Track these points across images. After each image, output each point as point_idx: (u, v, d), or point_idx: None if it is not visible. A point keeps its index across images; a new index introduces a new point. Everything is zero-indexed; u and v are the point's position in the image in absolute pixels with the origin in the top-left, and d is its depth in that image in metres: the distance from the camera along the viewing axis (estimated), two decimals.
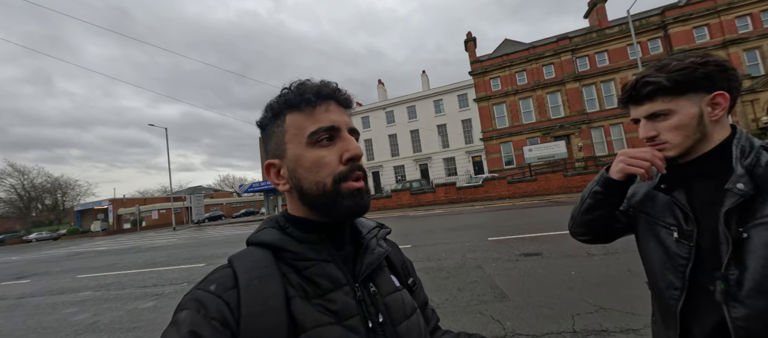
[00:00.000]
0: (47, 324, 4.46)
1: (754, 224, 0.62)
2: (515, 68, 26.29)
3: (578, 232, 0.95)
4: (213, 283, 0.48)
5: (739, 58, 20.65)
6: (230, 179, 75.26)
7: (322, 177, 0.51)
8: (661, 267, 0.77)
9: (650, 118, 0.73)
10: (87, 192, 54.95)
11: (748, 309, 0.61)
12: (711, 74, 0.68)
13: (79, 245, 21.76)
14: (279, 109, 0.54)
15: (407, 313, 0.56)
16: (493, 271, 4.51)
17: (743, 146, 0.68)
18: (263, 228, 0.56)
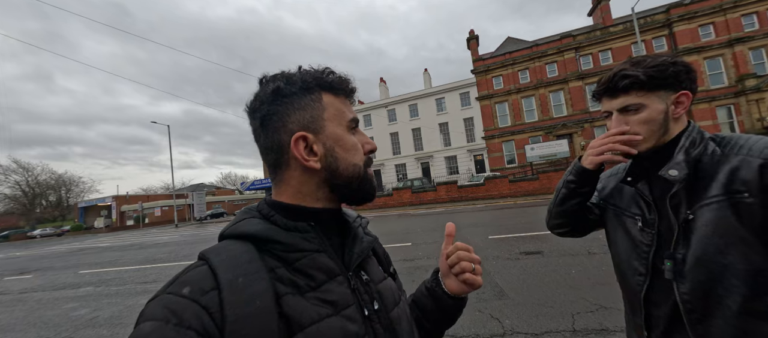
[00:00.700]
0: (48, 318, 4.49)
1: (699, 206, 0.69)
2: (518, 66, 26.12)
3: (555, 225, 0.98)
4: (186, 285, 0.41)
5: (745, 56, 20.42)
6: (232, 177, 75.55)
7: (357, 160, 0.54)
8: (627, 255, 0.82)
9: (622, 111, 0.78)
10: (91, 189, 55.34)
11: (691, 283, 0.69)
12: (679, 74, 0.74)
13: (83, 241, 21.93)
14: (313, 84, 0.53)
15: (396, 299, 0.57)
16: (493, 269, 4.49)
17: (694, 138, 0.74)
18: (243, 219, 0.51)
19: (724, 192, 0.67)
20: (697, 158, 0.71)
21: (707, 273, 0.67)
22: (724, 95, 20.51)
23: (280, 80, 0.52)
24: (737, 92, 20.11)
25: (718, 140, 0.74)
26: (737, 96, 20.16)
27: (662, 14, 22.59)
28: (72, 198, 53.31)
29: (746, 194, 0.64)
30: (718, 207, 0.67)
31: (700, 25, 21.60)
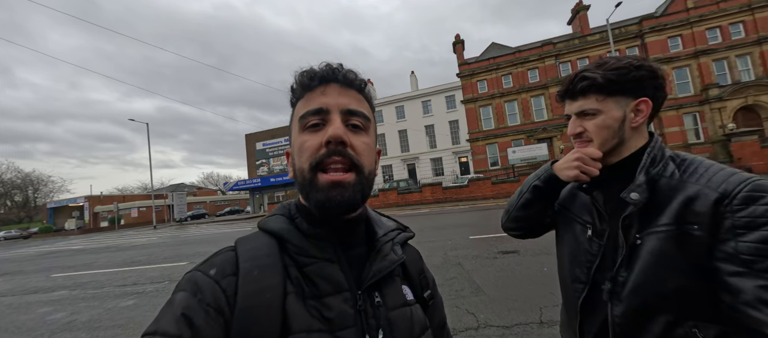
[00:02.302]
0: (21, 323, 4.35)
1: (648, 232, 0.67)
2: (501, 71, 26.89)
3: (511, 227, 0.98)
4: (213, 267, 0.46)
5: (709, 68, 21.85)
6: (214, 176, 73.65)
7: (302, 162, 0.48)
8: (571, 261, 0.82)
9: (580, 115, 0.77)
10: (61, 189, 52.62)
11: (625, 307, 0.69)
12: (642, 79, 0.71)
13: (53, 244, 20.86)
14: (292, 99, 0.53)
15: (414, 332, 0.50)
16: (472, 268, 4.71)
17: (655, 155, 0.72)
18: (273, 215, 0.53)
19: (674, 222, 0.65)
20: (655, 178, 0.69)
21: (642, 301, 0.67)
22: (691, 103, 21.88)
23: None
24: (702, 101, 21.50)
25: (679, 161, 0.72)
26: (702, 104, 21.55)
27: (635, 25, 23.86)
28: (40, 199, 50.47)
29: (696, 227, 0.63)
30: (666, 236, 0.65)
31: (669, 37, 22.96)
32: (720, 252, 0.61)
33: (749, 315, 0.56)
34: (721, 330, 0.62)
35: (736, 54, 21.51)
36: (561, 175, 0.80)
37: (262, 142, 35.06)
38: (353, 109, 0.49)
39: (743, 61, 21.54)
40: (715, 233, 0.62)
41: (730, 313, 0.60)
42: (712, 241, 0.62)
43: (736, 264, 0.59)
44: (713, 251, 0.62)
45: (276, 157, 34.03)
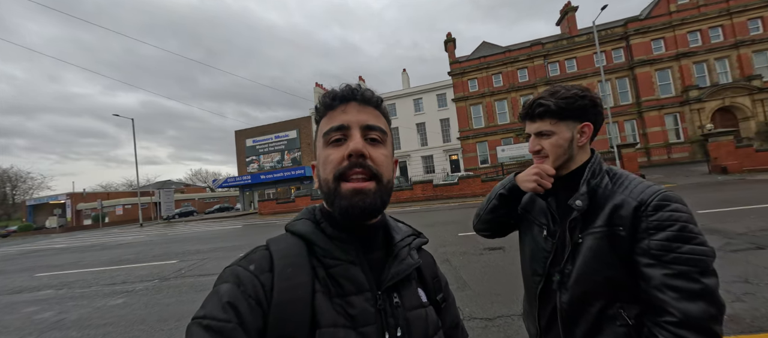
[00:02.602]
0: (7, 323, 4.30)
1: (588, 232, 0.82)
2: (492, 70, 27.24)
3: (481, 228, 1.13)
4: (252, 263, 0.51)
5: (690, 69, 22.65)
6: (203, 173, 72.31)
7: (326, 174, 0.53)
8: (531, 257, 0.97)
9: (538, 135, 0.91)
10: (41, 186, 50.75)
11: (570, 295, 0.84)
12: (585, 107, 0.87)
13: (34, 243, 20.25)
14: (317, 117, 0.59)
15: (428, 332, 0.54)
16: (459, 264, 4.87)
17: (595, 169, 0.87)
18: (300, 219, 0.58)
19: (606, 224, 0.79)
20: (594, 188, 0.84)
21: (583, 288, 0.81)
22: (672, 104, 22.66)
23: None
24: (682, 102, 22.29)
25: (612, 175, 0.86)
26: (682, 105, 22.35)
27: (621, 27, 24.48)
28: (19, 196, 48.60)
29: (621, 228, 0.77)
30: (600, 235, 0.79)
31: (652, 39, 23.66)
32: (638, 248, 0.76)
33: (657, 297, 0.72)
34: (640, 310, 0.77)
35: (715, 57, 22.37)
36: (522, 186, 0.94)
37: (252, 139, 34.61)
38: (371, 124, 0.55)
39: (721, 63, 22.41)
40: (635, 233, 0.77)
41: (645, 296, 0.75)
42: (633, 240, 0.77)
43: (648, 257, 0.74)
44: (634, 247, 0.77)
45: (266, 154, 33.67)
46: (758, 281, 3.23)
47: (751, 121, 20.59)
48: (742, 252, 4.09)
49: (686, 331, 0.67)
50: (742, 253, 4.06)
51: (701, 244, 0.72)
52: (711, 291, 0.69)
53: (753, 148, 15.07)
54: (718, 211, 6.64)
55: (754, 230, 5.01)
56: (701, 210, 7.01)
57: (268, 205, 24.19)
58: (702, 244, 0.72)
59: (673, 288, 0.70)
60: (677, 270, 0.70)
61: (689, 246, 0.71)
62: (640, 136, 23.51)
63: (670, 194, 0.78)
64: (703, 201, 8.18)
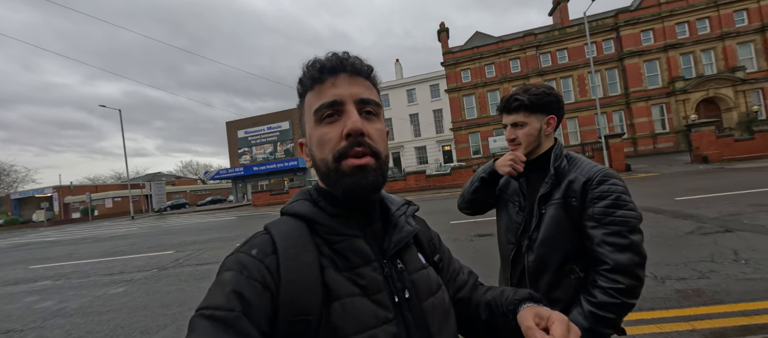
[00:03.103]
0: (9, 311, 4.38)
1: (550, 204, 1.01)
2: (485, 61, 27.31)
3: (465, 207, 1.32)
4: (254, 247, 0.50)
5: (677, 61, 23.12)
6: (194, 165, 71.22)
7: (325, 154, 0.52)
8: (506, 229, 1.16)
9: (513, 126, 1.09)
10: (26, 179, 49.34)
11: (535, 256, 1.03)
12: (551, 103, 1.05)
13: (22, 236, 19.93)
14: (301, 91, 0.56)
15: (433, 290, 0.57)
16: (451, 250, 5.08)
17: (557, 153, 1.05)
18: (297, 200, 0.58)
19: (562, 197, 0.99)
20: (558, 169, 1.02)
21: (545, 250, 1.00)
22: (659, 95, 23.17)
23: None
24: (669, 93, 22.81)
25: (569, 158, 1.05)
26: (669, 96, 22.88)
27: (611, 18, 24.71)
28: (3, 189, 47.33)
29: (574, 199, 0.96)
30: (558, 206, 0.98)
31: (642, 31, 23.98)
32: (586, 215, 0.96)
33: (597, 251, 0.92)
34: (587, 264, 0.96)
35: (702, 48, 22.84)
36: (500, 171, 1.11)
37: (244, 130, 34.22)
38: (365, 97, 0.53)
39: (707, 55, 22.91)
40: (583, 203, 0.96)
41: (590, 252, 0.95)
42: (582, 208, 0.97)
43: (592, 221, 0.94)
44: (582, 214, 0.96)
45: (259, 145, 33.39)
46: (722, 260, 3.51)
47: (733, 111, 21.25)
48: (711, 235, 4.40)
49: (617, 275, 0.88)
50: (712, 236, 4.37)
51: (631, 210, 0.92)
52: (637, 245, 0.89)
53: (733, 138, 15.65)
54: (694, 198, 7.01)
55: (725, 215, 5.34)
56: (679, 197, 7.37)
57: (262, 197, 24.17)
58: (632, 210, 0.92)
59: (609, 243, 0.90)
60: (612, 230, 0.90)
61: (621, 211, 0.91)
62: (627, 126, 24.05)
63: (610, 171, 0.97)
64: (682, 188, 8.57)
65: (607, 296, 0.88)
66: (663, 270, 3.41)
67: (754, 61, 21.91)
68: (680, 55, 23.23)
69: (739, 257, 3.54)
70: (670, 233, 4.70)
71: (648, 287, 3.07)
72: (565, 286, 0.99)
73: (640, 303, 2.78)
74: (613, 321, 0.88)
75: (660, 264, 3.57)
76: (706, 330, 2.32)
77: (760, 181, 8.29)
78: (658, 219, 5.58)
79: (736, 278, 3.06)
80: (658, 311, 2.64)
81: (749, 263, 3.36)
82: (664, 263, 3.60)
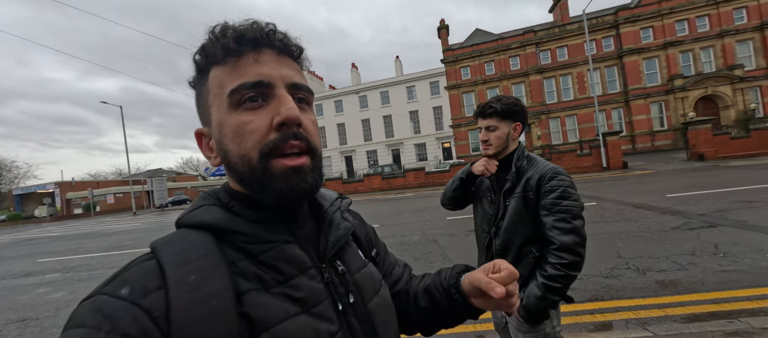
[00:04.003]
0: (23, 302, 4.58)
1: (512, 197, 1.22)
2: (484, 58, 27.37)
3: (447, 203, 1.51)
4: (126, 285, 0.35)
5: (676, 59, 23.18)
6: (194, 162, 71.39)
7: (246, 149, 0.41)
8: (480, 220, 1.36)
9: (487, 129, 1.27)
10: (27, 175, 49.56)
11: (501, 241, 1.23)
12: (517, 112, 1.25)
13: (26, 231, 20.16)
14: (202, 62, 0.44)
15: (376, 288, 0.52)
16: (447, 244, 5.29)
17: (519, 154, 1.26)
18: (200, 206, 0.45)
19: (521, 191, 1.19)
20: (518, 168, 1.23)
21: (509, 235, 1.20)
22: (658, 93, 23.27)
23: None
24: (668, 90, 22.91)
25: (529, 159, 1.25)
26: (667, 94, 22.97)
27: (611, 16, 24.73)
28: (5, 185, 47.56)
29: (531, 193, 1.17)
30: (518, 199, 1.19)
31: (641, 28, 24.02)
32: (540, 205, 1.18)
33: (548, 234, 1.14)
34: (541, 247, 1.18)
35: (701, 46, 22.90)
36: (475, 172, 1.33)
37: None
38: (298, 82, 0.44)
39: (706, 52, 22.97)
40: (538, 195, 1.18)
41: (543, 235, 1.17)
42: (537, 200, 1.18)
43: (544, 210, 1.16)
44: (537, 205, 1.18)
45: None
46: (702, 253, 3.70)
47: (731, 109, 21.37)
48: (696, 230, 4.59)
49: (563, 253, 1.10)
50: (696, 231, 4.55)
51: (575, 200, 1.14)
52: (578, 229, 1.12)
53: (729, 136, 15.80)
54: (685, 195, 7.19)
55: (712, 211, 5.53)
56: (671, 193, 7.55)
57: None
58: (575, 200, 1.14)
59: (556, 227, 1.12)
60: (559, 217, 1.13)
61: (567, 202, 1.14)
62: (626, 124, 24.18)
63: (559, 169, 1.20)
64: (675, 185, 8.75)
65: (555, 270, 1.09)
66: (645, 263, 3.59)
67: (752, 59, 21.99)
68: (679, 53, 23.29)
69: (718, 250, 3.73)
70: (657, 228, 4.88)
71: (629, 278, 3.26)
72: (525, 264, 1.19)
73: (620, 293, 2.97)
74: (561, 290, 1.09)
75: (643, 257, 3.76)
76: (678, 316, 2.51)
77: (750, 179, 8.48)
78: (647, 215, 5.77)
79: (713, 270, 3.25)
80: (637, 299, 2.83)
81: (727, 256, 3.55)
82: (647, 256, 3.79)
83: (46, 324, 3.69)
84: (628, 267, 3.53)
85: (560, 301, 1.14)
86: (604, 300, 2.88)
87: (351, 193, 21.14)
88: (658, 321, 2.46)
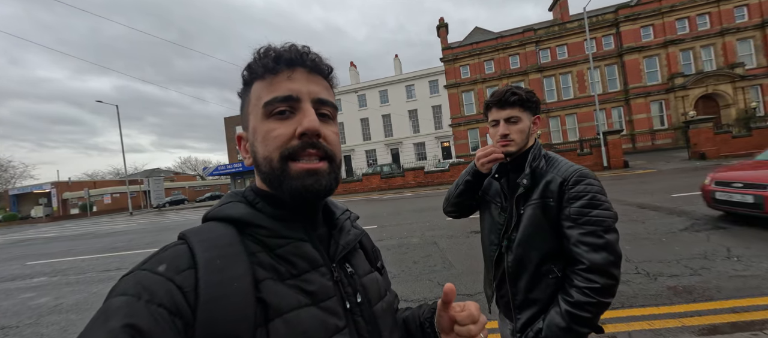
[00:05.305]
0: (5, 308, 4.38)
1: (528, 204, 1.01)
2: (484, 57, 27.18)
3: (450, 210, 1.29)
4: (162, 263, 0.41)
5: (676, 57, 23.04)
6: (192, 161, 71.03)
7: (269, 151, 0.47)
8: (488, 230, 1.15)
9: (507, 121, 1.04)
10: (23, 175, 49.17)
11: (514, 256, 1.03)
12: (537, 103, 1.06)
13: (21, 232, 19.92)
14: (248, 78, 0.51)
15: (382, 293, 0.56)
16: (446, 246, 5.11)
17: (535, 152, 1.05)
18: (228, 202, 0.51)
19: (540, 197, 0.98)
20: (534, 169, 1.02)
21: (523, 250, 1.00)
22: (658, 91, 23.13)
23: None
24: (668, 89, 22.77)
25: (547, 158, 1.05)
26: (668, 92, 22.84)
27: (612, 14, 24.57)
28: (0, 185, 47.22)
29: (551, 199, 0.97)
30: (535, 206, 0.98)
31: (642, 26, 23.87)
32: (563, 215, 0.96)
33: (573, 250, 0.93)
34: (564, 264, 0.97)
35: (701, 44, 22.76)
36: (481, 169, 1.10)
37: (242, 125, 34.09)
38: (323, 97, 0.50)
39: (707, 51, 22.84)
40: (560, 203, 0.97)
41: (566, 251, 0.95)
42: (559, 208, 0.97)
43: (569, 221, 0.95)
44: (560, 214, 0.97)
45: None
46: (714, 257, 3.53)
47: (732, 108, 21.25)
48: (704, 232, 4.42)
49: (593, 274, 0.88)
50: (705, 233, 4.39)
51: (606, 210, 0.93)
52: (612, 244, 0.90)
53: (730, 135, 15.67)
54: (691, 195, 7.03)
55: None
56: (676, 193, 7.40)
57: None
58: (607, 209, 0.93)
59: (584, 243, 0.91)
60: (587, 230, 0.91)
61: (597, 211, 0.92)
62: (626, 122, 24.04)
63: (585, 171, 0.98)
64: (680, 185, 8.60)
65: (584, 295, 0.88)
66: (655, 267, 3.43)
67: (753, 58, 21.86)
68: (680, 51, 23.15)
69: (731, 254, 3.57)
70: (664, 230, 4.72)
71: (639, 284, 3.09)
72: (543, 286, 0.99)
73: (632, 300, 2.80)
74: (590, 320, 0.88)
75: (652, 261, 3.59)
76: (696, 327, 2.34)
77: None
78: (653, 216, 5.61)
79: (728, 275, 3.08)
80: (649, 308, 2.66)
81: (741, 260, 3.38)
82: (657, 260, 3.62)
83: (26, 332, 3.49)
84: (637, 272, 3.36)
85: (589, 333, 0.92)
86: (615, 308, 2.70)
87: (350, 193, 20.95)
88: (675, 333, 2.29)
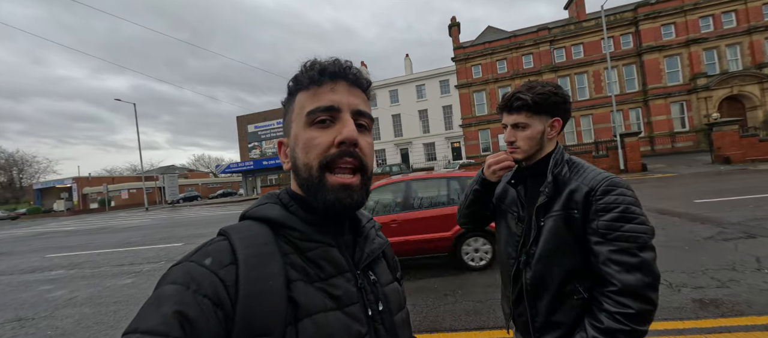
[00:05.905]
0: (23, 300, 4.52)
1: (549, 215, 0.90)
2: (496, 56, 26.74)
3: (464, 222, 1.18)
4: (208, 257, 0.44)
5: (699, 57, 22.10)
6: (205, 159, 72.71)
7: (310, 159, 0.49)
8: (505, 242, 1.05)
9: (514, 127, 0.97)
10: (47, 170, 51.35)
11: (533, 272, 0.92)
12: (557, 103, 0.93)
13: (43, 225, 20.76)
14: (293, 88, 0.53)
15: (402, 304, 0.58)
16: None
17: (557, 158, 0.94)
18: (265, 203, 0.54)
19: (563, 208, 0.88)
20: (556, 177, 0.92)
21: (543, 266, 0.90)
22: (679, 92, 22.24)
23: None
24: (690, 90, 21.87)
25: (571, 164, 0.94)
26: (689, 93, 21.94)
27: (630, 12, 23.78)
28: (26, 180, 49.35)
29: (575, 211, 0.86)
30: (557, 218, 0.88)
31: (662, 25, 23.00)
32: (589, 228, 0.85)
33: (603, 270, 0.81)
34: (591, 283, 0.86)
35: (727, 43, 21.76)
36: (487, 176, 1.03)
37: (254, 124, 34.60)
38: (362, 109, 0.52)
39: (733, 50, 21.82)
40: (587, 215, 0.86)
41: (594, 270, 0.84)
42: (585, 220, 0.86)
43: (597, 236, 0.83)
44: (585, 227, 0.86)
45: (268, 140, 33.76)
46: (744, 268, 3.32)
47: (759, 110, 20.25)
48: (732, 241, 4.17)
49: (625, 298, 0.77)
50: (733, 242, 4.14)
51: (641, 223, 0.81)
52: (648, 264, 0.78)
53: (757, 138, 14.91)
54: (715, 201, 6.69)
55: (748, 219, 5.07)
56: (699, 199, 7.06)
57: (271, 190, 24.49)
58: (642, 223, 0.81)
59: (616, 262, 0.79)
60: (619, 247, 0.80)
61: (630, 226, 0.80)
62: (644, 124, 23.23)
63: (616, 180, 0.86)
64: (703, 190, 8.21)
65: (615, 322, 0.76)
66: (679, 278, 3.24)
67: None
68: (703, 51, 22.19)
69: (761, 265, 3.34)
70: (687, 237, 4.48)
71: (662, 295, 2.91)
72: (567, 308, 0.88)
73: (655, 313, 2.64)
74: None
75: (675, 271, 3.40)
76: None
77: None
78: (674, 223, 5.35)
79: (759, 288, 2.88)
80: (673, 322, 2.51)
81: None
82: (680, 270, 3.43)
83: (42, 324, 3.58)
84: (660, 282, 3.19)
85: None
86: None
87: None
88: None
